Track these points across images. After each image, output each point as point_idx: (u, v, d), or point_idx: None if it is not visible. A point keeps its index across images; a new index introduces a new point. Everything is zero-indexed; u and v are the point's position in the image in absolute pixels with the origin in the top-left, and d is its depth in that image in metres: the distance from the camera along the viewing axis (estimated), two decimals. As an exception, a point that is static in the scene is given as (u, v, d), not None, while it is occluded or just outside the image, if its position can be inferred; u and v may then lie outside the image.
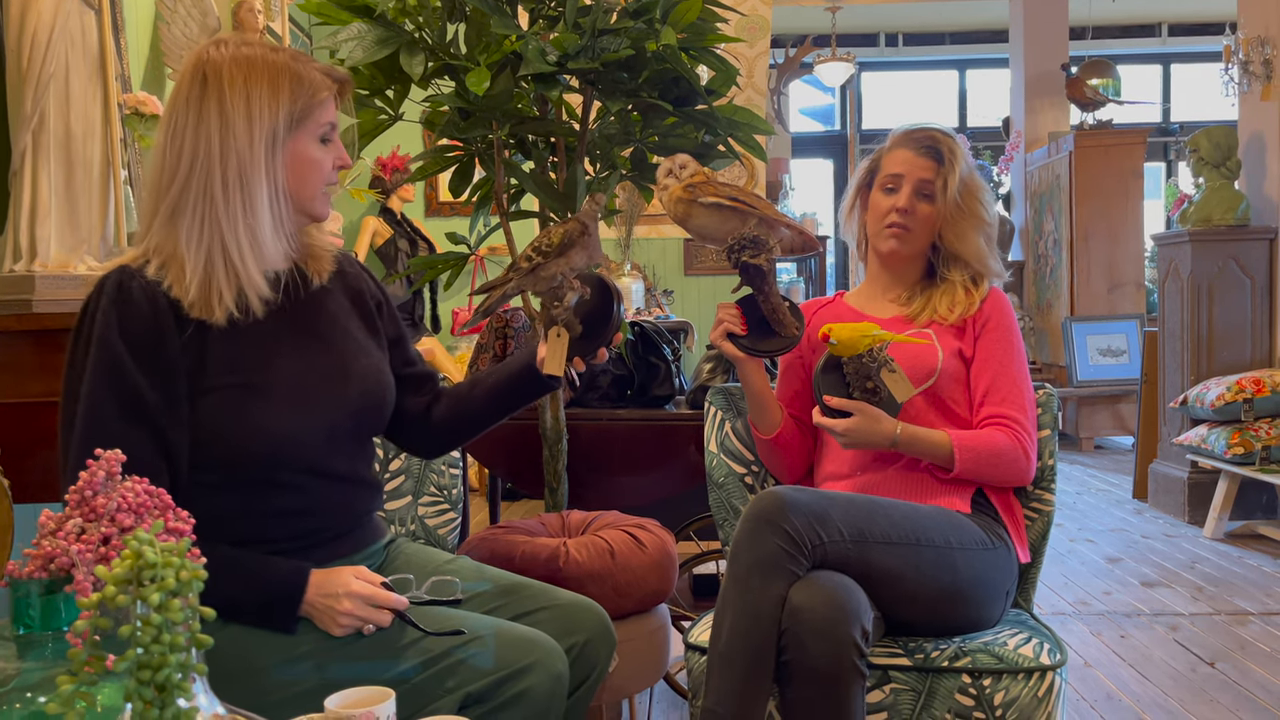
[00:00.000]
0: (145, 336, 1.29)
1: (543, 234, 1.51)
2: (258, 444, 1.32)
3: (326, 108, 1.38)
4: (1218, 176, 4.45)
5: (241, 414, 1.31)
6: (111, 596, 0.73)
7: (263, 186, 1.33)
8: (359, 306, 1.51)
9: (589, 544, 1.85)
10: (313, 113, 1.36)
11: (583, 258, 1.50)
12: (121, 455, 0.97)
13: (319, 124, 1.37)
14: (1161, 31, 9.29)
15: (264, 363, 1.35)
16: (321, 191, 1.40)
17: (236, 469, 1.33)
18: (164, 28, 3.46)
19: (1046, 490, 1.82)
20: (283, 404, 1.34)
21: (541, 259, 1.48)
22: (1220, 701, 2.54)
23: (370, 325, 1.52)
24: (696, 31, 1.96)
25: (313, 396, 1.37)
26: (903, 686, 1.53)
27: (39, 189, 2.52)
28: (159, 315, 1.30)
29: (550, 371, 1.49)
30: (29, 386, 2.42)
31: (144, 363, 1.28)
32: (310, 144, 1.37)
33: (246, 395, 1.32)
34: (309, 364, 1.39)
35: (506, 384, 1.57)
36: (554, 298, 1.49)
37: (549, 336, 1.49)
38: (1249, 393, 4.06)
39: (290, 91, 1.35)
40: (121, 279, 1.31)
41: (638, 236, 5.25)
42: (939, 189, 1.78)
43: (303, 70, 1.36)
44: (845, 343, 1.64)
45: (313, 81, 1.36)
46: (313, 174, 1.38)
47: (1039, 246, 7.38)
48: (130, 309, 1.29)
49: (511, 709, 1.27)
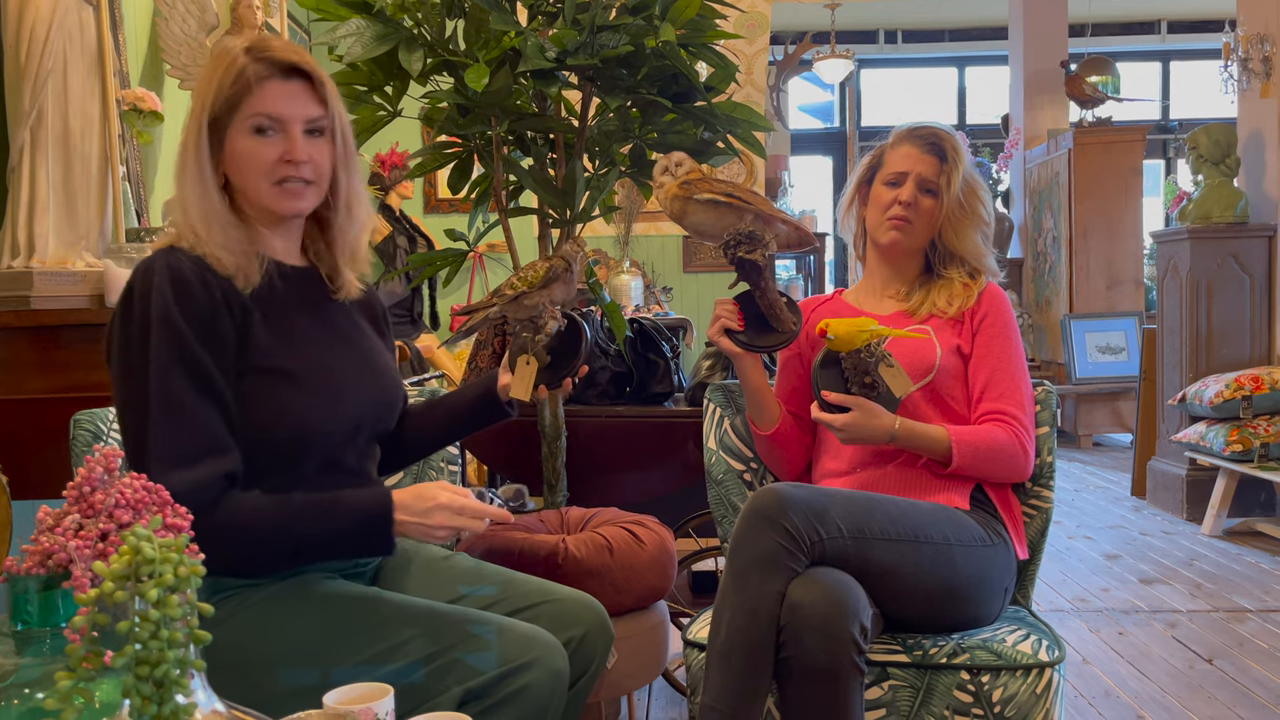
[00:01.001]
0: (203, 312, 1.31)
1: (529, 265, 1.64)
2: (285, 429, 1.35)
3: (259, 98, 1.34)
4: (1217, 174, 4.45)
5: (273, 398, 1.34)
6: (109, 592, 0.73)
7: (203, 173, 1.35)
8: (368, 313, 1.56)
9: (588, 540, 1.85)
10: (241, 102, 1.34)
11: (563, 292, 1.62)
12: (119, 452, 0.97)
13: (246, 114, 1.35)
14: (1161, 28, 9.28)
15: (298, 351, 1.38)
16: (270, 184, 1.36)
17: (259, 453, 1.34)
18: (162, 24, 3.45)
19: (1045, 487, 1.82)
20: (313, 392, 1.37)
21: (526, 288, 1.60)
22: (1218, 698, 2.54)
23: (380, 332, 1.57)
24: (696, 28, 1.96)
25: (342, 388, 1.41)
26: (901, 683, 1.53)
27: (37, 185, 2.52)
28: (211, 292, 1.32)
29: (516, 396, 1.57)
30: (27, 383, 2.42)
31: (205, 339, 1.30)
32: (240, 135, 1.35)
33: (280, 380, 1.35)
34: (339, 356, 1.44)
35: (465, 408, 1.63)
36: (532, 327, 1.60)
37: (518, 364, 1.59)
38: (1247, 390, 4.06)
39: (219, 79, 1.35)
40: (170, 260, 1.33)
41: (637, 233, 5.25)
42: (942, 186, 1.78)
43: (240, 58, 1.35)
44: (843, 338, 1.64)
45: (241, 69, 1.34)
46: (249, 166, 1.36)
47: (1038, 244, 7.38)
48: (186, 287, 1.31)
49: (511, 705, 1.27)
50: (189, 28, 3.46)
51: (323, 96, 1.39)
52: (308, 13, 4.39)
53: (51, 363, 2.41)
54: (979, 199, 1.82)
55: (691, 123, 2.06)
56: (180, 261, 1.33)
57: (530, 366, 1.57)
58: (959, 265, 1.83)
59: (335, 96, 1.41)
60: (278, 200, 1.38)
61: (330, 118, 1.40)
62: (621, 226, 4.88)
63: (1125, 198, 6.77)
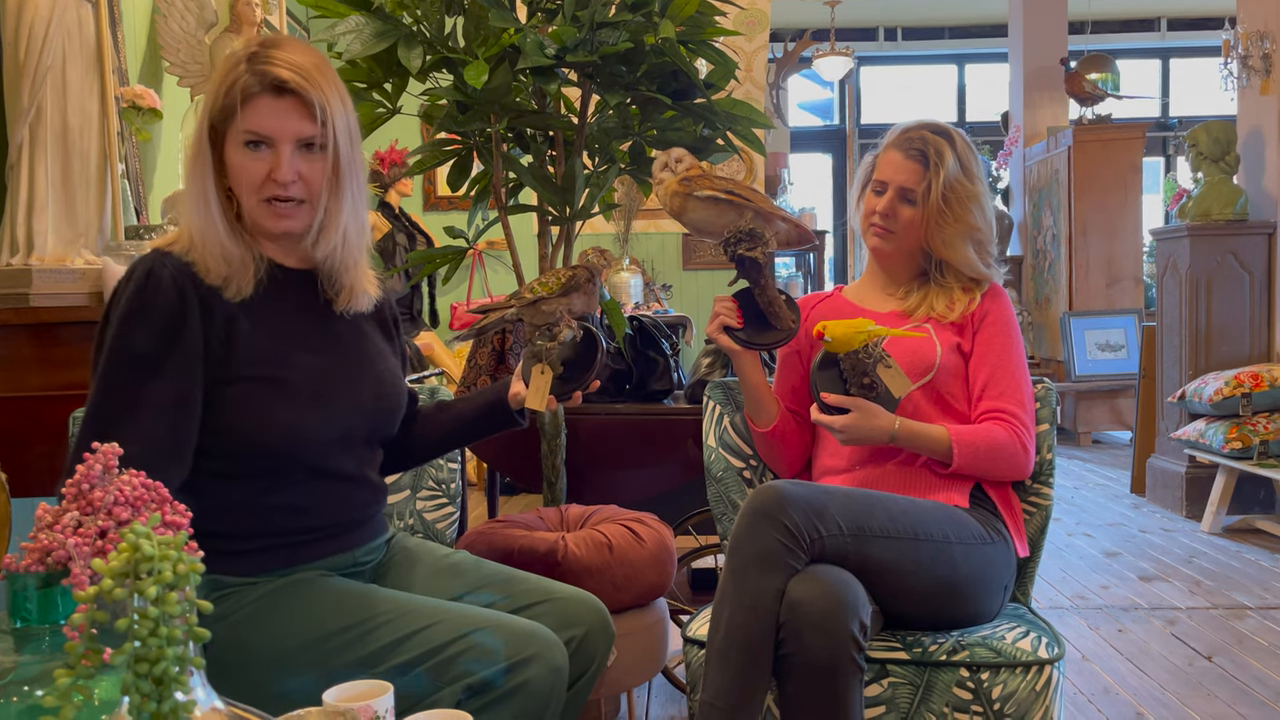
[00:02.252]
0: (166, 324, 1.29)
1: (551, 271, 1.61)
2: (272, 437, 1.33)
3: (249, 114, 1.30)
4: (1216, 171, 4.45)
5: (260, 407, 1.32)
6: (109, 590, 0.73)
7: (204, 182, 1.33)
8: (377, 316, 1.53)
9: (587, 538, 1.85)
10: (233, 116, 1.31)
11: (582, 303, 1.58)
12: (119, 449, 0.97)
13: (240, 128, 1.31)
14: (1160, 26, 9.28)
15: (287, 359, 1.36)
16: (258, 201, 1.33)
17: (247, 461, 1.33)
18: (161, 21, 3.45)
19: (1045, 484, 1.82)
20: (301, 401, 1.35)
21: (546, 294, 1.56)
22: (1218, 695, 2.54)
23: (388, 336, 1.55)
24: (695, 25, 1.96)
25: (331, 396, 1.38)
26: (901, 680, 1.53)
27: (36, 182, 2.52)
28: (185, 303, 1.30)
29: (531, 406, 1.54)
30: (26, 380, 2.42)
31: (162, 352, 1.28)
32: (234, 147, 1.33)
33: (267, 389, 1.33)
34: (330, 364, 1.41)
35: (475, 414, 1.61)
36: (548, 335, 1.56)
37: (533, 374, 1.55)
38: (1247, 387, 4.06)
39: (217, 87, 1.33)
40: (154, 265, 1.31)
41: (636, 231, 5.25)
42: (921, 194, 1.76)
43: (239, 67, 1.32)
44: (840, 339, 1.64)
45: (234, 81, 1.31)
46: (240, 179, 1.33)
47: (1037, 241, 7.38)
48: (156, 295, 1.29)
49: (511, 701, 1.27)
50: (188, 25, 3.45)
51: (317, 115, 1.32)
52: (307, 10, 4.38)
53: (50, 360, 2.42)
54: (968, 206, 1.76)
55: (691, 120, 2.05)
56: (163, 269, 1.30)
57: (545, 376, 1.54)
58: (954, 274, 1.80)
59: (339, 113, 1.34)
60: (265, 218, 1.34)
61: (329, 135, 1.33)
62: (621, 224, 4.87)
63: (1125, 195, 6.77)
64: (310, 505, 1.39)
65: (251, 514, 1.35)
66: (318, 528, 1.40)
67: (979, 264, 1.79)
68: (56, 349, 2.41)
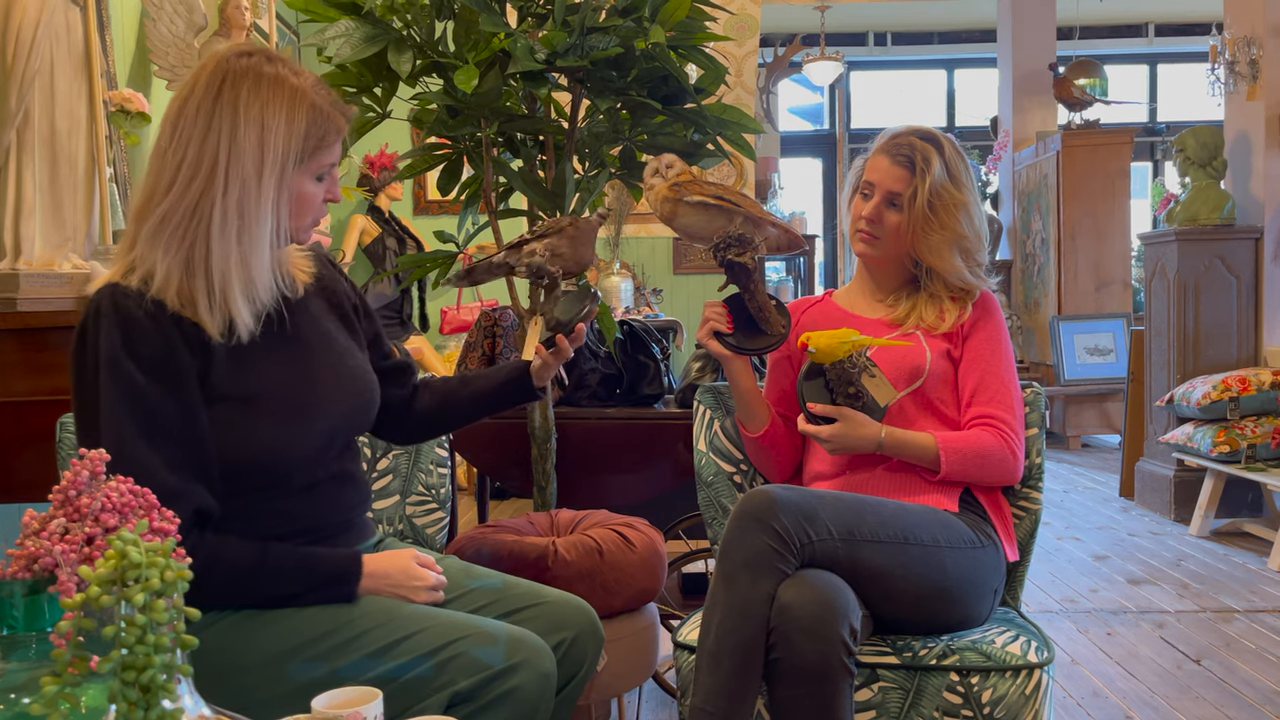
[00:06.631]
0: (155, 351, 1.26)
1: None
2: (256, 454, 1.32)
3: (334, 149, 1.34)
4: (1204, 176, 4.47)
5: (240, 426, 1.31)
6: (95, 597, 0.72)
7: (266, 220, 1.29)
8: (337, 309, 1.50)
9: (577, 543, 1.84)
10: (320, 152, 1.32)
11: (565, 246, 1.62)
12: (106, 455, 0.96)
13: (322, 164, 1.33)
14: (1148, 32, 9.33)
15: (257, 376, 1.34)
16: (311, 223, 1.38)
17: (236, 477, 1.32)
18: (150, 24, 3.44)
19: (1034, 489, 1.82)
20: (279, 415, 1.34)
21: (528, 236, 1.65)
22: (1206, 698, 2.55)
23: (350, 326, 1.52)
24: (685, 30, 1.96)
25: (307, 405, 1.37)
26: (891, 685, 1.54)
27: (23, 186, 2.51)
28: (163, 327, 1.27)
29: (524, 356, 1.59)
30: (14, 385, 2.41)
31: (158, 377, 1.26)
32: (308, 180, 1.33)
33: (243, 408, 1.32)
34: (300, 373, 1.39)
35: (496, 388, 1.62)
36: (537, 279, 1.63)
37: (530, 324, 1.61)
38: (1235, 391, 4.08)
39: (306, 124, 1.30)
40: (115, 297, 1.27)
41: (627, 235, 5.25)
42: (907, 199, 1.75)
43: (323, 104, 1.31)
44: (824, 350, 1.64)
45: (330, 120, 1.32)
46: (307, 210, 1.35)
47: (1026, 245, 7.41)
48: (133, 326, 1.26)
49: (499, 708, 1.27)
50: (177, 28, 3.45)
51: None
52: (296, 14, 4.38)
53: (38, 365, 2.40)
54: (957, 213, 1.74)
55: (681, 124, 2.06)
56: (126, 300, 1.26)
57: (537, 326, 1.58)
58: (944, 281, 1.79)
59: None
60: (309, 235, 1.40)
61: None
62: (611, 228, 4.87)
63: (1113, 200, 6.80)
64: (300, 509, 1.38)
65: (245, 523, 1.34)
66: (309, 530, 1.39)
67: (966, 273, 1.77)
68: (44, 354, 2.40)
